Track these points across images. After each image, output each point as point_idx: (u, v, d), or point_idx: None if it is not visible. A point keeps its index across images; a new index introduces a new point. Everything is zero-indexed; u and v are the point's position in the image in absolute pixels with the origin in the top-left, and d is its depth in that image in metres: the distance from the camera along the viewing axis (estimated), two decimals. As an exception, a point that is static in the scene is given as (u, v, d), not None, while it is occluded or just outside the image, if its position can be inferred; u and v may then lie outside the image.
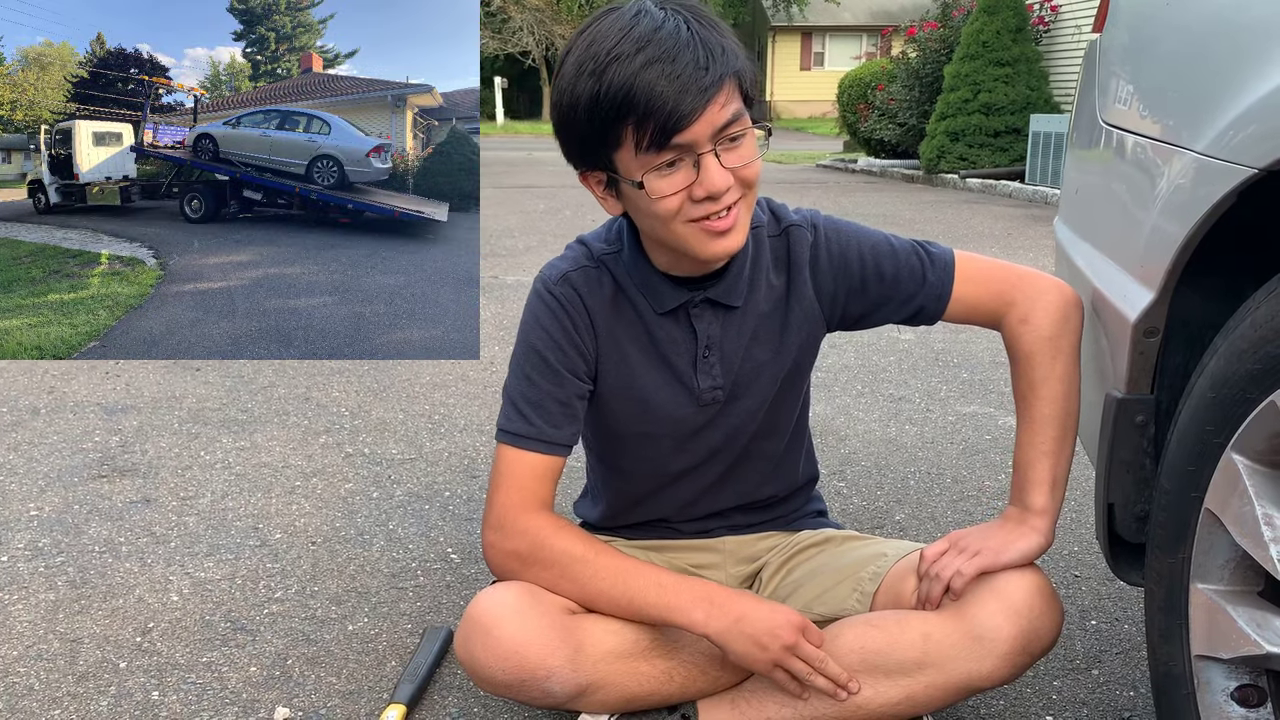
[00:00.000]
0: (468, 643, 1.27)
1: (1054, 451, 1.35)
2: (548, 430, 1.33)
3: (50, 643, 1.71)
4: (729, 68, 1.17)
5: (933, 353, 3.70)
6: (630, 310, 1.37)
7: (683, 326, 1.37)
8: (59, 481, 2.43)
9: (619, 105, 1.14)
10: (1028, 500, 1.36)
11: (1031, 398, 1.36)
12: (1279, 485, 0.97)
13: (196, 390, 3.21)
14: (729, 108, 1.17)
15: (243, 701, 1.55)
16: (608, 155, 1.21)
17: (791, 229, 1.40)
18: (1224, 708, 1.05)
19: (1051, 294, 1.37)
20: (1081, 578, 1.96)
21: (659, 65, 1.13)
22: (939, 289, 1.39)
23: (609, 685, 1.30)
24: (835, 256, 1.39)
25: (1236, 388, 0.99)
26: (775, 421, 1.47)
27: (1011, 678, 1.29)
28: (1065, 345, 1.35)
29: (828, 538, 1.52)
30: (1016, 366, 1.38)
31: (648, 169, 1.18)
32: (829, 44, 36.33)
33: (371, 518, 2.25)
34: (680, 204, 1.19)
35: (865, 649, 1.29)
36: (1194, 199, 1.06)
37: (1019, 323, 1.37)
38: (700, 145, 1.17)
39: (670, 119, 1.14)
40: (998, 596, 1.27)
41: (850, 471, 2.53)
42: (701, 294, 1.35)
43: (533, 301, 1.37)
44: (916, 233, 7.10)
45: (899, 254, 1.39)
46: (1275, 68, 0.95)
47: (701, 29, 1.17)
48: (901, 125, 13.11)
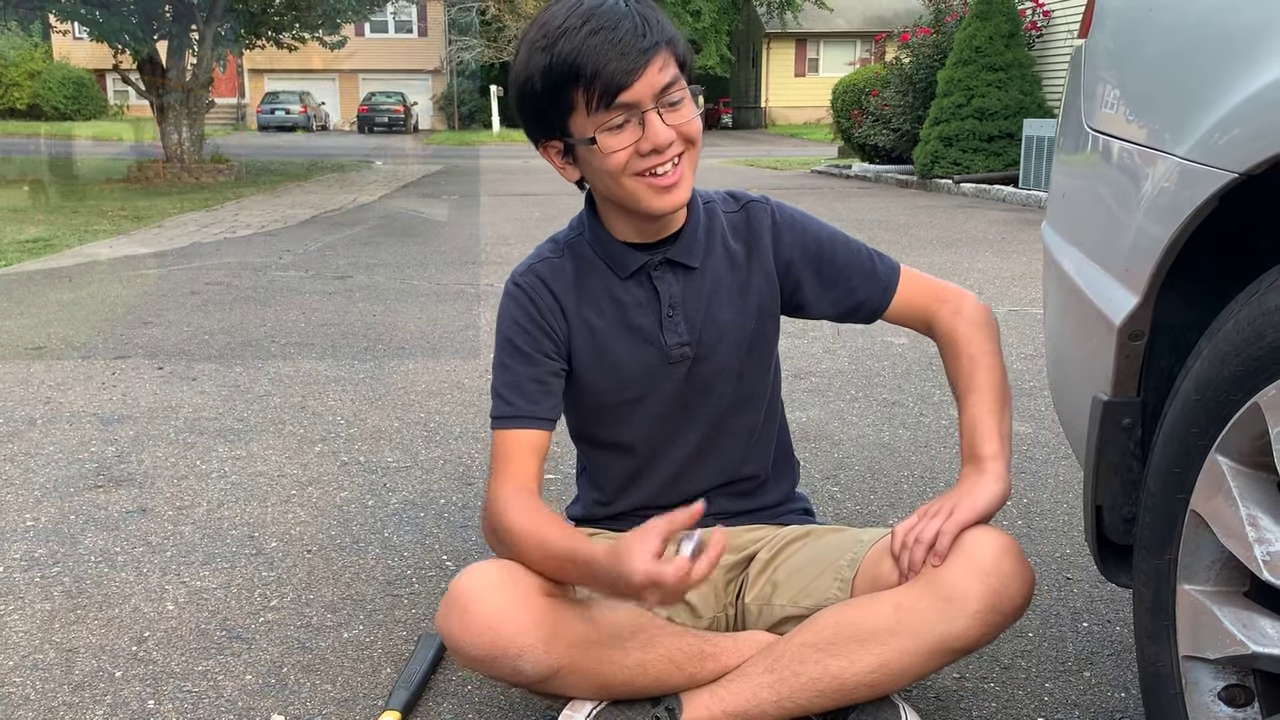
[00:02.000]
0: (446, 617, 1.31)
1: (997, 411, 1.44)
2: (525, 406, 1.43)
3: (46, 652, 1.71)
4: (662, 36, 1.31)
5: (926, 357, 3.71)
6: (595, 282, 1.47)
7: (645, 288, 1.47)
8: (55, 492, 2.44)
9: (568, 71, 1.28)
10: (980, 452, 1.41)
11: (972, 369, 1.48)
12: (1263, 486, 0.98)
13: (193, 400, 3.21)
14: (666, 71, 1.31)
15: (238, 709, 1.55)
16: (563, 122, 1.33)
17: (751, 204, 1.54)
18: (1211, 707, 1.06)
19: (975, 301, 1.55)
20: (1073, 580, 1.97)
21: (602, 34, 1.27)
22: (886, 283, 1.53)
23: (581, 670, 1.32)
24: (796, 230, 1.53)
25: (1220, 390, 1.00)
26: (748, 393, 1.55)
27: (986, 638, 1.30)
28: (994, 334, 1.52)
29: (809, 531, 1.55)
30: (954, 349, 1.50)
31: (600, 128, 1.30)
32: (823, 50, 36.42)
33: (367, 525, 2.25)
34: (628, 158, 1.32)
35: (839, 623, 1.33)
36: (1177, 203, 1.06)
37: (952, 314, 1.52)
38: (644, 104, 1.30)
39: (614, 78, 1.27)
40: (965, 558, 1.30)
41: (844, 476, 2.54)
42: (661, 254, 1.45)
43: (503, 299, 1.49)
44: (912, 238, 7.14)
45: (851, 245, 1.54)
46: (1255, 73, 0.96)
47: (638, 4, 1.32)
48: (895, 131, 13.14)
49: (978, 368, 1.47)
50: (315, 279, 5.56)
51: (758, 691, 1.34)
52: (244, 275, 5.66)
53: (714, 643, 1.40)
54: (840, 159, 16.10)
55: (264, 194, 11.13)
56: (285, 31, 15.11)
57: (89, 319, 4.44)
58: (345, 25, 16.02)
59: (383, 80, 40.51)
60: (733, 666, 1.38)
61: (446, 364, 3.69)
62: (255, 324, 4.36)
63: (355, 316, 4.54)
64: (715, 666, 1.38)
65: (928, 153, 11.27)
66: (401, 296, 5.02)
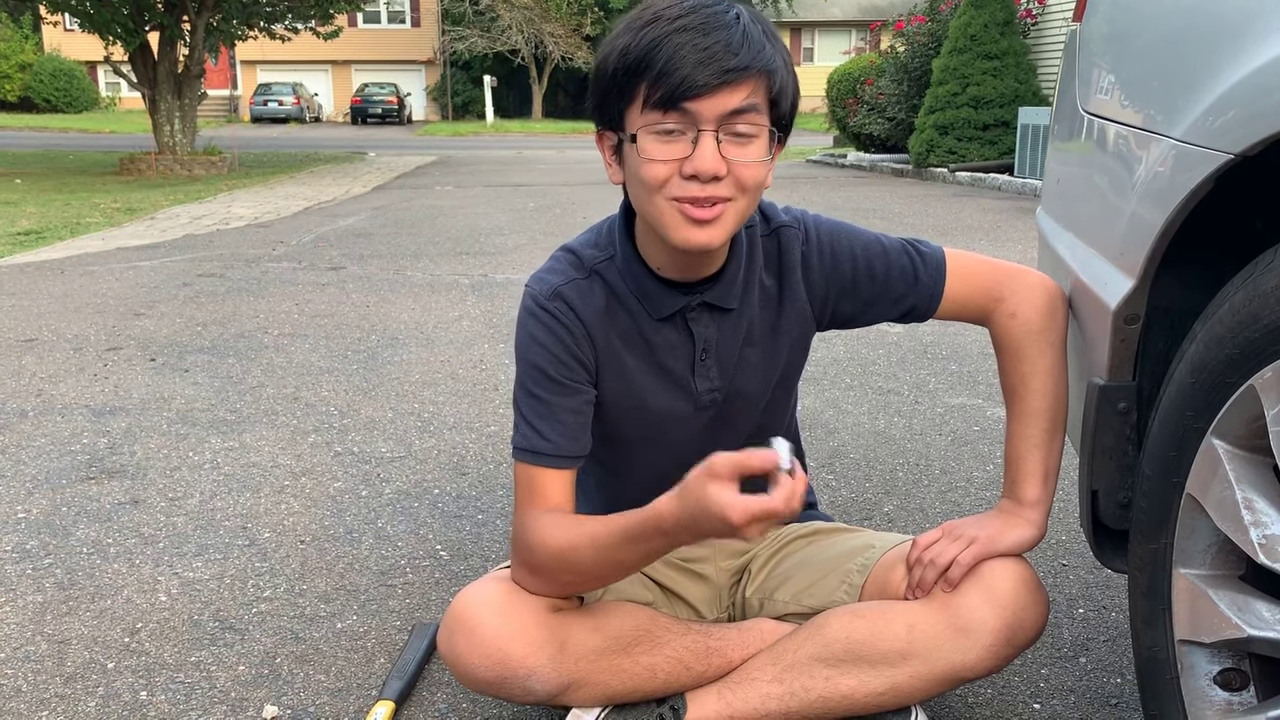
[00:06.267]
0: (451, 639, 1.27)
1: (1045, 444, 1.36)
2: (564, 445, 1.31)
3: (38, 644, 1.70)
4: (759, 62, 1.17)
5: (921, 345, 3.71)
6: (625, 317, 1.35)
7: (679, 331, 1.36)
8: (47, 483, 2.43)
9: (642, 59, 1.16)
10: (1020, 493, 1.36)
11: (1022, 390, 1.37)
12: (1259, 469, 0.97)
13: (185, 391, 3.20)
14: (747, 100, 1.17)
15: (231, 700, 1.54)
16: (621, 111, 1.22)
17: (782, 229, 1.39)
18: (1207, 691, 1.05)
19: (1038, 289, 1.38)
20: (1069, 566, 1.97)
21: (691, 34, 1.15)
22: (931, 287, 1.39)
23: (591, 682, 1.30)
24: (826, 257, 1.38)
25: (1216, 373, 0.99)
26: (769, 422, 1.47)
27: (996, 669, 1.29)
28: (1053, 339, 1.36)
29: (816, 530, 1.53)
30: (1005, 361, 1.39)
31: (648, 128, 1.18)
32: (818, 39, 36.39)
33: (360, 516, 2.24)
34: (668, 175, 1.19)
35: (850, 639, 1.30)
36: (1172, 186, 1.06)
37: (1008, 317, 1.37)
38: (703, 122, 1.16)
39: (681, 84, 1.14)
40: (983, 588, 1.27)
41: (839, 464, 2.54)
42: (698, 298, 1.33)
43: (525, 319, 1.35)
44: (907, 226, 7.13)
45: (890, 253, 1.39)
46: (1249, 54, 0.95)
47: (753, 24, 1.19)
48: (891, 119, 13.13)
49: (1029, 390, 1.36)
50: (308, 270, 5.54)
51: (765, 701, 1.33)
52: (237, 267, 5.64)
53: (719, 636, 1.38)
54: (835, 148, 16.09)
55: (257, 186, 11.10)
56: (278, 22, 15.05)
57: (81, 311, 4.42)
58: (338, 16, 15.94)
59: (376, 71, 40.40)
60: (738, 661, 1.37)
61: (440, 354, 3.68)
62: (248, 315, 4.35)
63: (349, 307, 4.52)
64: (721, 662, 1.36)
65: (923, 141, 11.26)
66: (395, 287, 5.01)
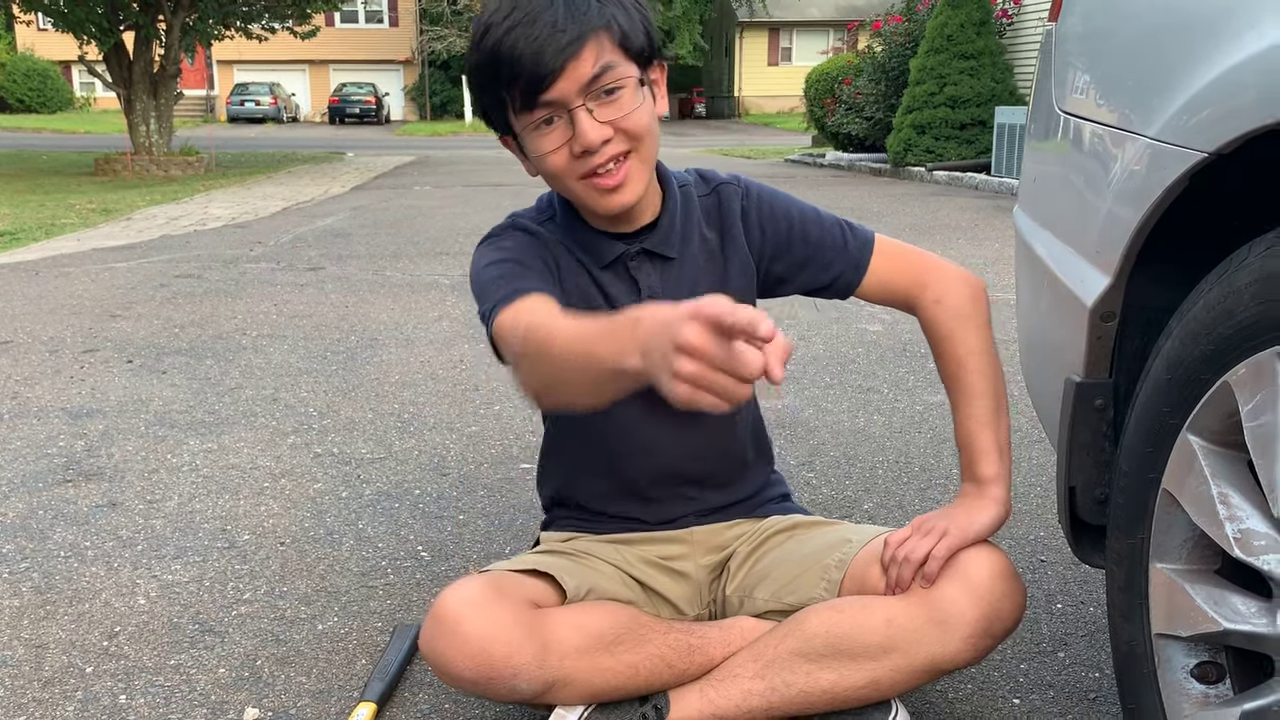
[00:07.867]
0: (433, 640, 1.26)
1: (992, 421, 1.40)
2: (544, 287, 1.26)
3: (15, 649, 1.69)
4: (592, 24, 1.20)
5: (900, 343, 3.73)
6: (572, 264, 1.40)
7: (624, 279, 1.41)
8: (23, 487, 2.40)
9: (490, 71, 1.22)
10: (978, 472, 1.39)
11: (961, 373, 1.42)
12: (1234, 465, 0.98)
13: (163, 393, 3.18)
14: (597, 62, 1.20)
15: (212, 703, 1.53)
16: (504, 119, 1.27)
17: (721, 186, 1.47)
18: (1184, 684, 1.06)
19: (961, 281, 1.45)
20: (1047, 562, 1.98)
21: (520, 30, 1.19)
22: (858, 258, 1.45)
23: (575, 681, 1.30)
24: (765, 212, 1.46)
25: (1191, 369, 1.00)
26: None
27: (976, 659, 1.30)
28: (980, 323, 1.43)
29: (795, 524, 1.53)
30: (940, 346, 1.44)
31: (526, 128, 1.24)
32: (796, 39, 36.45)
33: (341, 517, 2.24)
34: (565, 160, 1.24)
35: (830, 634, 1.31)
36: (1147, 184, 1.07)
37: (933, 303, 1.44)
38: (569, 101, 1.21)
39: (531, 80, 1.19)
40: (960, 579, 1.29)
41: (819, 462, 2.54)
42: (637, 244, 1.39)
43: (488, 241, 1.37)
44: (885, 225, 7.16)
45: (824, 221, 1.47)
46: (1222, 53, 0.97)
47: None
48: (868, 119, 13.17)
49: (968, 371, 1.41)
50: (287, 271, 5.51)
51: (748, 698, 1.34)
52: (214, 268, 5.60)
53: (701, 635, 1.39)
54: (814, 148, 16.13)
55: (234, 186, 11.02)
56: (255, 21, 14.95)
57: (56, 313, 4.38)
58: (315, 15, 15.85)
59: (354, 71, 40.20)
60: (719, 659, 1.37)
61: (420, 354, 3.67)
62: (226, 316, 4.32)
63: (328, 308, 4.50)
64: (703, 660, 1.37)
65: (901, 141, 11.31)
66: (374, 287, 4.99)
